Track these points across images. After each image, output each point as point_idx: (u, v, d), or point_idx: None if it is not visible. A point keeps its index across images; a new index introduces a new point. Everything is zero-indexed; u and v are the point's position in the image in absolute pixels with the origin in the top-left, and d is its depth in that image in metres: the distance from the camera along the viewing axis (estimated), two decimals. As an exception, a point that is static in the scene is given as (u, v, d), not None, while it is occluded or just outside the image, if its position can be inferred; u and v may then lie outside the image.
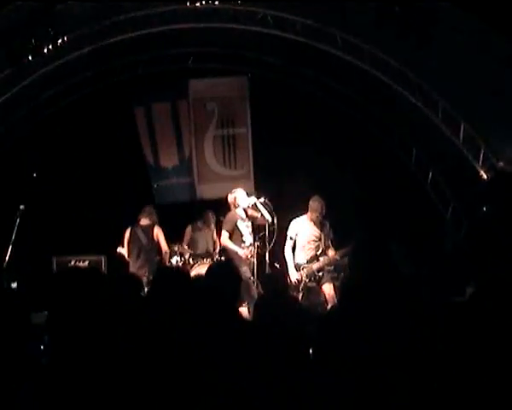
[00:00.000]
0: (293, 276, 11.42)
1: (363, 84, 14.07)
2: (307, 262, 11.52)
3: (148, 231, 12.04)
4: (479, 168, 12.77)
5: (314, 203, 11.48)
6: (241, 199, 11.89)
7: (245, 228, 11.85)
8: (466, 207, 13.89)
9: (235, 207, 11.86)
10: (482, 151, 12.70)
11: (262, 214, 11.80)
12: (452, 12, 10.79)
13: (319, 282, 11.48)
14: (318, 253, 11.54)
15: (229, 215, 11.89)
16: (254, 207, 11.80)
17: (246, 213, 11.84)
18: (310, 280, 11.47)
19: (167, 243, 12.32)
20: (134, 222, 12.19)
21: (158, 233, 12.09)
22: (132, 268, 11.79)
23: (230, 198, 11.93)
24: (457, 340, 3.63)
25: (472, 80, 11.80)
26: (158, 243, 12.05)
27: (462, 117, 12.68)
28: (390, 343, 3.71)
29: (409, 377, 3.56)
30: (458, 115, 12.71)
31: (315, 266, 11.47)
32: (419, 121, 13.48)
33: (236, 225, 11.81)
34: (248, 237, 11.88)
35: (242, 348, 3.98)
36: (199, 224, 13.68)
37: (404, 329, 3.80)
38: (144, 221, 12.12)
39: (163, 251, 12.16)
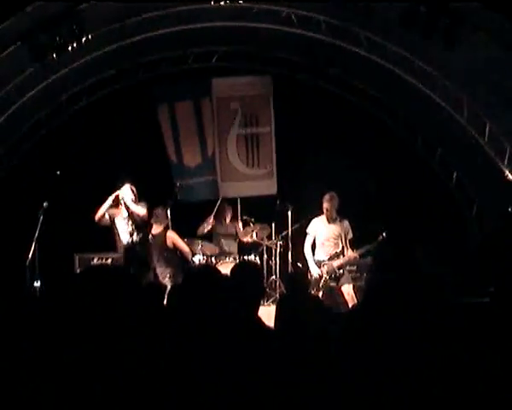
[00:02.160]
0: (314, 272, 11.48)
1: (388, 84, 14.02)
2: (328, 259, 11.56)
3: (161, 238, 12.09)
4: (504, 168, 12.69)
5: (324, 200, 11.61)
6: (125, 196, 11.78)
7: (123, 226, 11.74)
8: (490, 208, 13.82)
9: (120, 205, 11.76)
10: (507, 151, 12.61)
11: (131, 209, 11.71)
12: (479, 12, 10.71)
13: (338, 281, 11.50)
14: (339, 250, 11.58)
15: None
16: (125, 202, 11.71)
17: (127, 209, 11.72)
18: (330, 277, 11.50)
19: (187, 242, 12.44)
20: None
21: (173, 239, 12.13)
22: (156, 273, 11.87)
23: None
24: (480, 340, 3.60)
25: (498, 80, 11.73)
26: (175, 247, 12.08)
27: (487, 117, 12.60)
28: (413, 344, 3.68)
29: (431, 377, 3.53)
30: (483, 115, 12.63)
31: (335, 263, 11.54)
32: (444, 121, 13.41)
33: (115, 223, 11.75)
34: (125, 236, 11.76)
35: (265, 348, 3.97)
36: (223, 220, 13.61)
37: (426, 330, 3.77)
38: (156, 229, 12.17)
39: (184, 253, 12.19)
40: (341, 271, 11.53)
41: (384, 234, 11.50)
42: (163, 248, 12.14)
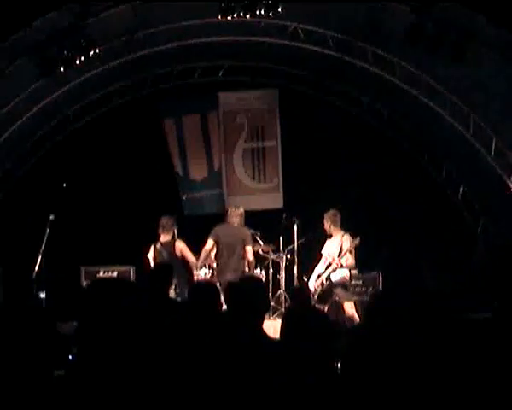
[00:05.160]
0: (311, 285, 11.62)
1: (394, 99, 14.03)
2: (322, 273, 11.72)
3: (170, 247, 12.05)
4: (510, 183, 12.67)
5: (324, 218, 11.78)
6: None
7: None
8: (496, 223, 13.79)
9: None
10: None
11: None
12: (485, 26, 10.72)
13: (331, 294, 11.59)
14: (330, 262, 11.70)
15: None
16: None
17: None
18: (321, 290, 11.60)
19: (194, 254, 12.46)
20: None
21: (182, 248, 12.08)
22: None
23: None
24: (484, 355, 3.60)
25: (503, 95, 11.73)
26: (183, 257, 12.06)
27: (493, 132, 12.59)
28: (417, 357, 3.68)
29: (437, 391, 3.53)
30: (490, 130, 12.61)
31: (324, 275, 11.63)
32: (450, 136, 13.41)
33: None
34: None
35: (270, 363, 3.97)
36: None
37: (431, 343, 3.77)
38: (164, 237, 12.11)
39: (191, 263, 12.18)
40: (327, 281, 11.62)
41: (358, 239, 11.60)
42: (172, 257, 12.11)
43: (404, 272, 13.08)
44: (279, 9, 11.55)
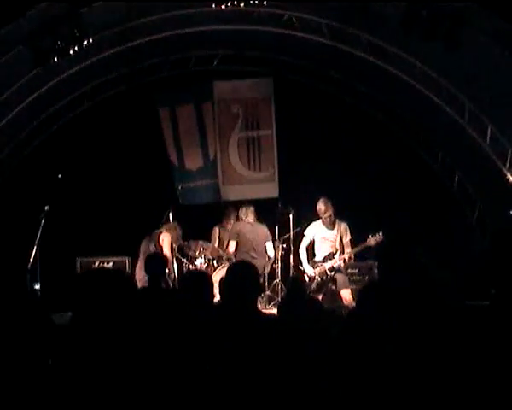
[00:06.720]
0: (308, 272, 11.60)
1: (389, 87, 14.01)
2: (322, 261, 11.67)
3: (155, 236, 12.02)
4: (505, 171, 12.66)
5: (317, 205, 11.73)
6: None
7: None
8: (492, 211, 13.79)
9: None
10: (509, 154, 12.59)
11: None
12: (479, 13, 10.70)
13: (335, 284, 11.56)
14: (334, 252, 11.67)
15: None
16: None
17: None
18: (322, 279, 11.59)
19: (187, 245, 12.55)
20: (158, 223, 12.31)
21: (165, 239, 12.01)
22: (138, 275, 11.66)
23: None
24: (482, 342, 3.60)
25: (499, 82, 11.71)
26: (161, 249, 11.94)
27: (488, 119, 12.58)
28: (413, 345, 3.67)
29: (433, 379, 3.53)
30: (485, 117, 12.60)
31: (327, 265, 11.63)
32: (445, 124, 13.39)
33: None
34: None
35: (266, 349, 3.96)
36: (224, 224, 13.61)
37: (428, 331, 3.76)
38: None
39: (166, 256, 12.06)
40: (333, 273, 11.61)
41: (380, 234, 11.51)
42: (154, 247, 12.02)
43: (400, 260, 13.05)
44: (273, -2, 11.56)
